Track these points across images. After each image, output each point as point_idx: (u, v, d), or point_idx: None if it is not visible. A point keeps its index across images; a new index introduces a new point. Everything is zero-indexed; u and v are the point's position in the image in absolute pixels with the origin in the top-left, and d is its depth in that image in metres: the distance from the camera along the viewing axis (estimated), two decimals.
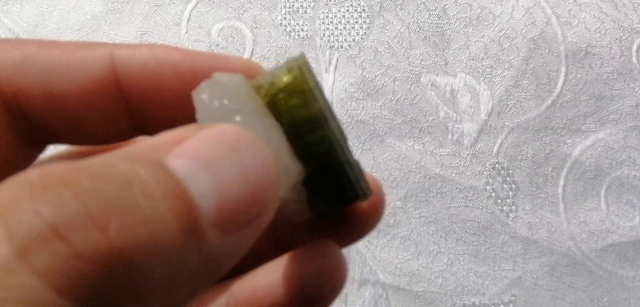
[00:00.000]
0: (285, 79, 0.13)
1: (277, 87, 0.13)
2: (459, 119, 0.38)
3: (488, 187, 0.37)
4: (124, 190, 0.09)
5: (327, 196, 0.14)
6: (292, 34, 0.40)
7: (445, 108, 0.38)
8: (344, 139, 0.15)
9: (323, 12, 0.40)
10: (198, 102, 0.13)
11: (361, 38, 0.40)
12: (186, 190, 0.09)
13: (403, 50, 0.39)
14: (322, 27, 0.40)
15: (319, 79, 0.39)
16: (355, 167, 0.15)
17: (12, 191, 0.08)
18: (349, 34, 0.40)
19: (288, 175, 0.13)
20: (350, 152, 0.15)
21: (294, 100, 0.13)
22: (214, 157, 0.10)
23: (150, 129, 0.16)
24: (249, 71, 0.15)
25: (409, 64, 0.39)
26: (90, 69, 0.14)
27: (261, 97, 0.13)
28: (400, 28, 0.40)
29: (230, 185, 0.10)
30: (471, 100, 0.38)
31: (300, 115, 0.13)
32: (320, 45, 0.39)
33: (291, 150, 0.13)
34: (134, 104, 0.15)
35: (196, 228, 0.09)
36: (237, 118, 0.12)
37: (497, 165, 0.37)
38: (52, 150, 0.17)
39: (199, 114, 0.12)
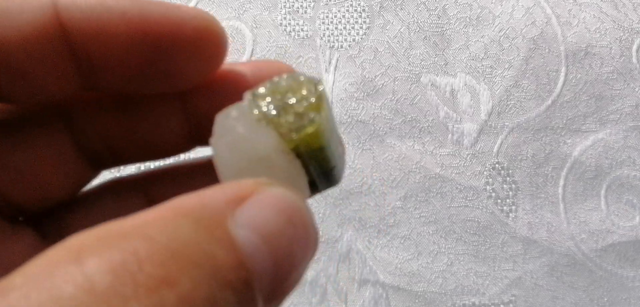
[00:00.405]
0: (310, 130, 0.13)
1: (301, 139, 0.13)
2: (459, 119, 0.38)
3: (488, 187, 0.37)
4: (196, 267, 0.09)
5: (313, 184, 0.15)
6: (292, 34, 0.40)
7: (445, 108, 0.38)
8: (336, 137, 0.16)
9: (323, 12, 0.40)
10: (218, 156, 0.13)
11: (361, 38, 0.40)
12: (251, 275, 0.10)
13: (403, 50, 0.39)
14: (322, 27, 0.40)
15: (319, 79, 0.39)
16: (340, 161, 0.16)
17: (108, 284, 0.09)
18: (349, 34, 0.40)
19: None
20: (338, 146, 0.16)
21: (315, 145, 0.14)
22: (275, 232, 0.11)
23: (98, 79, 0.15)
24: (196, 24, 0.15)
25: (409, 64, 0.39)
26: (30, 13, 0.13)
27: (273, 125, 0.13)
28: (400, 28, 0.40)
29: (284, 262, 0.11)
30: (471, 100, 0.38)
31: (315, 154, 0.14)
32: (320, 45, 0.39)
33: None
34: (80, 52, 0.14)
35: (251, 305, 0.10)
36: (266, 167, 0.13)
37: (497, 165, 0.37)
38: None
39: (219, 165, 0.13)
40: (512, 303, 0.35)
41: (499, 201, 0.36)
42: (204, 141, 0.17)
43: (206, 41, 0.15)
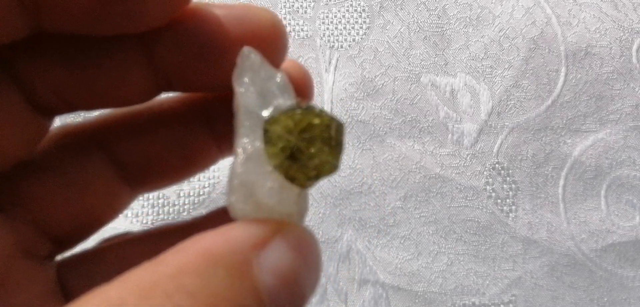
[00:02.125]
0: (328, 176, 0.13)
1: (316, 182, 0.14)
2: (459, 119, 0.38)
3: (488, 187, 0.37)
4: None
5: None
6: (292, 34, 0.40)
7: (445, 108, 0.38)
8: None
9: (323, 12, 0.40)
10: (236, 209, 0.13)
11: (361, 38, 0.40)
12: None
13: (403, 50, 0.39)
14: (322, 27, 0.40)
15: (318, 79, 0.39)
16: None
17: None
18: (349, 34, 0.40)
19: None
20: None
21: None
22: (293, 274, 0.12)
23: (45, 19, 0.13)
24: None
25: (409, 64, 0.39)
26: None
27: (292, 173, 0.13)
28: (400, 28, 0.40)
29: (298, 299, 0.12)
30: (471, 100, 0.38)
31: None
32: (320, 45, 0.39)
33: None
34: None
35: None
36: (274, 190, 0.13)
37: (497, 165, 0.37)
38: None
39: (235, 212, 0.13)
40: (512, 303, 0.35)
41: (499, 201, 0.36)
42: (169, 88, 0.16)
43: None
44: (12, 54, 0.14)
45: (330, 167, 0.13)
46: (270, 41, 0.14)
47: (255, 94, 0.13)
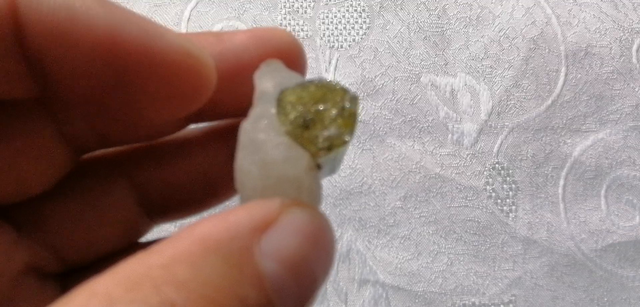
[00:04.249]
0: (340, 150, 0.13)
1: (328, 155, 0.13)
2: (459, 119, 0.38)
3: (488, 187, 0.37)
4: (225, 295, 0.10)
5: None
6: (292, 33, 0.40)
7: (445, 108, 0.38)
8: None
9: (323, 12, 0.40)
10: (243, 171, 0.12)
11: (361, 38, 0.40)
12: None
13: (403, 50, 0.39)
14: (322, 27, 0.40)
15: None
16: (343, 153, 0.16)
17: None
18: (349, 34, 0.40)
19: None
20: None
21: (336, 156, 0.14)
22: (301, 261, 0.11)
23: (56, 89, 0.13)
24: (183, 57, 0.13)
25: (409, 64, 0.39)
26: None
27: (303, 142, 0.13)
28: (400, 28, 0.40)
29: (308, 288, 0.11)
30: (471, 100, 0.38)
31: (331, 159, 0.14)
32: (320, 45, 0.39)
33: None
34: (34, 54, 0.12)
35: None
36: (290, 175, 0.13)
37: (497, 165, 0.37)
38: None
39: (242, 178, 0.13)
40: (512, 303, 0.35)
41: (499, 201, 0.36)
42: (198, 119, 0.16)
43: (186, 77, 0.13)
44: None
45: (342, 140, 0.13)
46: (291, 60, 0.15)
47: (273, 84, 0.13)
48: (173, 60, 0.13)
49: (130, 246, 0.17)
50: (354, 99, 0.13)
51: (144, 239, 0.18)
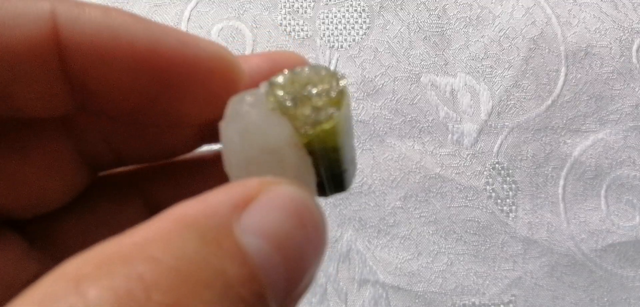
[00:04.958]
0: (326, 126, 0.13)
1: (316, 134, 0.13)
2: (459, 119, 0.38)
3: (488, 187, 0.37)
4: (207, 288, 0.09)
5: (321, 186, 0.15)
6: (292, 34, 0.40)
7: (445, 108, 0.38)
8: (350, 144, 0.15)
9: (323, 12, 0.40)
10: (227, 141, 0.12)
11: (361, 38, 0.40)
12: (264, 288, 0.10)
13: (403, 50, 0.39)
14: (322, 27, 0.40)
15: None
16: (352, 167, 0.15)
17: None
18: (349, 34, 0.40)
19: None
20: (352, 149, 0.15)
21: (329, 144, 0.13)
22: (286, 237, 0.10)
23: (93, 106, 0.13)
24: (223, 66, 0.13)
25: (409, 64, 0.39)
26: (25, 25, 0.11)
27: (288, 116, 0.13)
28: (400, 28, 0.40)
29: (297, 267, 0.10)
30: (471, 100, 0.38)
31: (328, 154, 0.13)
32: (320, 45, 0.39)
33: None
34: (76, 73, 0.12)
35: None
36: (276, 159, 0.12)
37: (497, 165, 0.37)
38: None
39: (227, 151, 0.12)
40: (512, 303, 0.35)
41: (499, 201, 0.36)
42: (212, 140, 0.16)
43: (221, 80, 0.13)
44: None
45: (327, 113, 0.13)
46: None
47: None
48: (209, 65, 0.13)
49: None
50: (342, 78, 0.13)
51: None
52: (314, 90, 0.13)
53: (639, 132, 0.38)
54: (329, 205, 0.36)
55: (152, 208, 0.16)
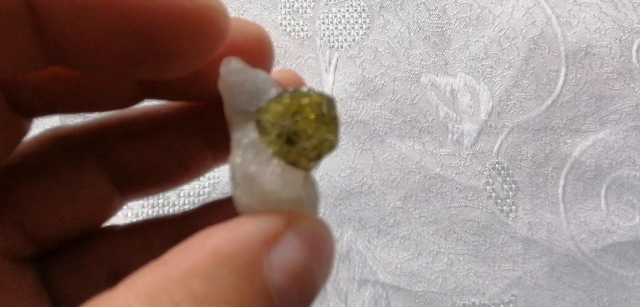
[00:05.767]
0: (329, 153, 0.13)
1: (321, 159, 0.13)
2: (459, 119, 0.38)
3: (488, 187, 0.37)
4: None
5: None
6: (292, 34, 0.40)
7: (445, 108, 0.38)
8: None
9: (323, 12, 0.40)
10: (243, 207, 0.13)
11: (361, 38, 0.40)
12: None
13: (403, 50, 0.39)
14: (322, 27, 0.40)
15: (318, 79, 0.39)
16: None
17: None
18: (349, 34, 0.40)
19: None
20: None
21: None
22: (304, 271, 0.12)
23: (69, 62, 0.13)
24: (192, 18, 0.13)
25: (409, 64, 0.39)
26: None
27: (292, 156, 0.13)
28: (400, 28, 0.40)
29: (309, 294, 0.12)
30: (471, 100, 0.38)
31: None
32: (320, 45, 0.39)
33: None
34: (50, 26, 0.12)
35: None
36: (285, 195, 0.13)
37: (497, 165, 0.37)
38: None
39: (246, 210, 0.13)
40: (512, 303, 0.35)
41: (499, 201, 0.36)
42: (153, 95, 0.16)
43: (208, 28, 0.13)
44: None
45: (329, 144, 0.13)
46: (257, 53, 0.15)
47: (242, 94, 0.13)
48: (192, 12, 0.12)
49: (105, 227, 0.17)
50: (331, 102, 0.13)
51: (122, 221, 0.18)
52: (307, 123, 0.13)
53: (639, 132, 0.38)
54: (329, 205, 0.36)
55: (110, 166, 0.16)
